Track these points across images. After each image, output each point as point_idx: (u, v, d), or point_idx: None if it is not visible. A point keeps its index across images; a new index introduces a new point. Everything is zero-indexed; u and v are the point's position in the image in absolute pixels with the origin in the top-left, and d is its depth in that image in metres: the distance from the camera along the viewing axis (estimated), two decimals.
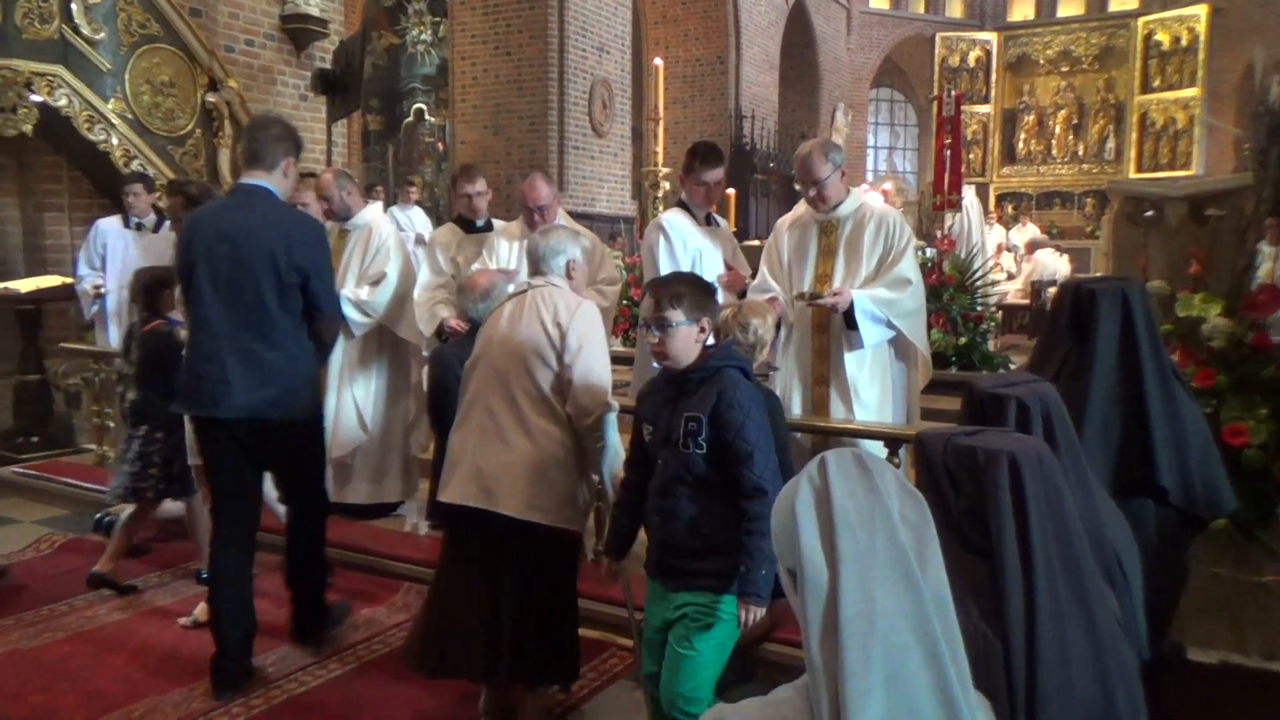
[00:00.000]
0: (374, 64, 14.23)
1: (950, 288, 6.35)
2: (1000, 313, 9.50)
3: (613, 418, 2.86)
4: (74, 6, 5.52)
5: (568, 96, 11.32)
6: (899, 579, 1.12)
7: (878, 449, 3.49)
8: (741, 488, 2.35)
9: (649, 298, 2.52)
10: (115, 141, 5.92)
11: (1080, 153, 19.27)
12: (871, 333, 3.55)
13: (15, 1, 5.21)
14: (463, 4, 11.74)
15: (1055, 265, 13.06)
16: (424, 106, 16.60)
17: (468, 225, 4.71)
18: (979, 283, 6.74)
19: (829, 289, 3.57)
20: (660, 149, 6.97)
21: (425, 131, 16.58)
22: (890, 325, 3.59)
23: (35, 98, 5.35)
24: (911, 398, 3.90)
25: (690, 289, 2.49)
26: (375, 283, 4.53)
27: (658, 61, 7.52)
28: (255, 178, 3.26)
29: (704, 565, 2.40)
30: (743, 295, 4.00)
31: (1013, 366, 6.15)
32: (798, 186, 3.81)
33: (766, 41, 16.65)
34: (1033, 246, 13.77)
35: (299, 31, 7.88)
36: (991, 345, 6.90)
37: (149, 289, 4.10)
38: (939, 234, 7.00)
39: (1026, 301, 12.34)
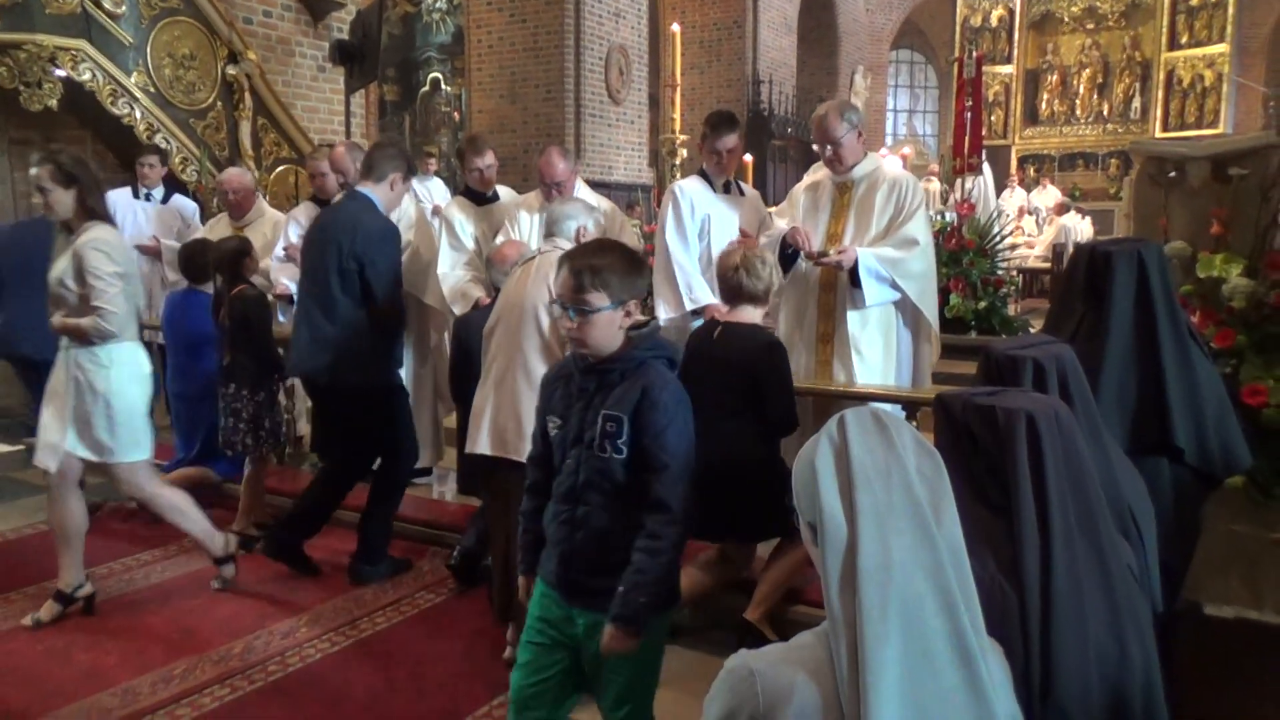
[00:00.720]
0: (389, 33, 14.18)
1: (970, 252, 6.33)
2: (1020, 277, 9.46)
3: None
4: None
5: (584, 63, 11.26)
6: (915, 531, 1.17)
7: (896, 412, 3.53)
8: (646, 498, 2.08)
9: (565, 272, 2.15)
10: (138, 115, 5.97)
11: (1105, 113, 18.97)
12: (874, 291, 3.57)
13: None
14: None
15: (1077, 227, 12.94)
16: (440, 76, 16.55)
17: (477, 198, 4.71)
18: (998, 247, 6.72)
19: (837, 248, 3.60)
20: (677, 116, 6.94)
21: (441, 101, 16.55)
22: (895, 286, 3.60)
23: (60, 72, 5.41)
24: (920, 369, 3.90)
25: (616, 263, 2.13)
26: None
27: (675, 27, 7.47)
28: (363, 186, 3.89)
29: (615, 584, 2.08)
30: None
31: (1032, 331, 6.14)
32: (815, 147, 3.85)
33: (784, 4, 16.45)
34: (1063, 209, 13.63)
35: (316, 2, 7.90)
36: (1011, 309, 6.89)
37: (232, 258, 4.35)
38: (956, 198, 6.96)
39: (1048, 265, 12.24)
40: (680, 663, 2.92)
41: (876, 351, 3.71)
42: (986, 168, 11.77)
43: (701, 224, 4.11)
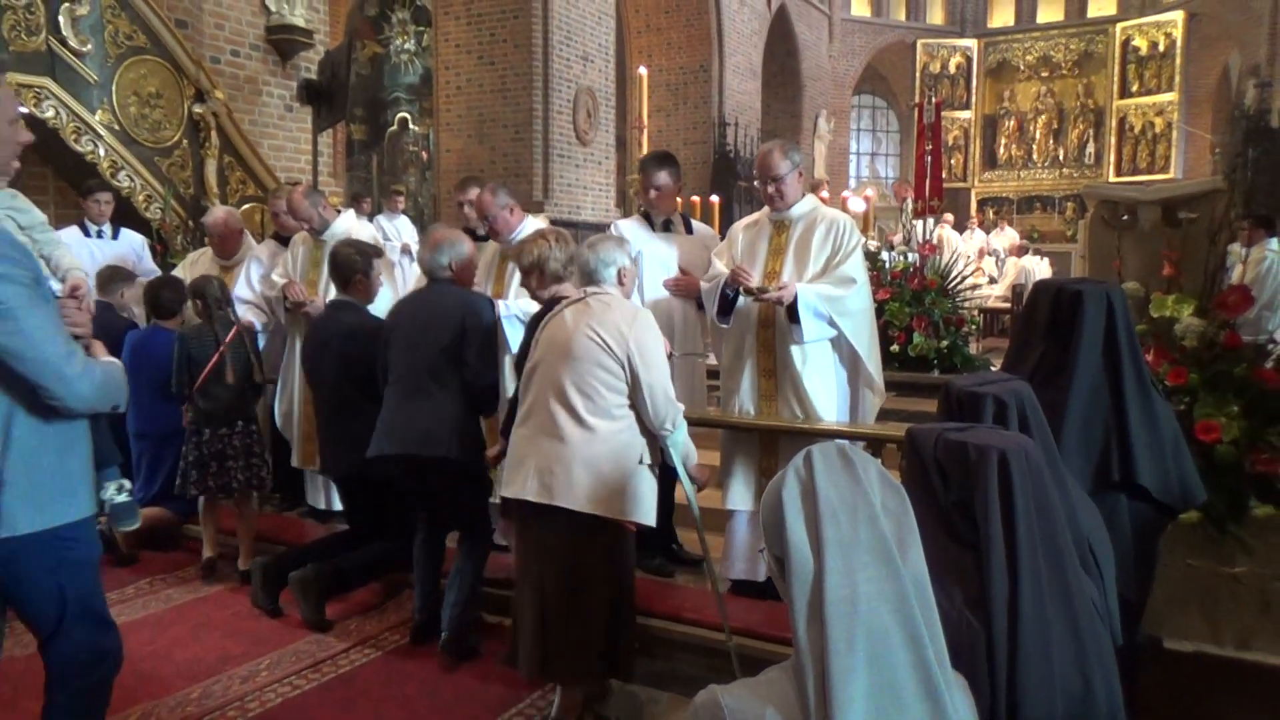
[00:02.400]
0: (358, 73, 14.24)
1: (932, 292, 6.44)
2: (981, 316, 9.63)
3: (683, 423, 3.08)
4: (61, 19, 5.54)
5: (552, 105, 11.38)
6: (881, 564, 1.19)
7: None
8: None
9: None
10: (102, 153, 5.94)
11: (1061, 157, 19.50)
12: (812, 327, 3.62)
13: (3, 14, 5.23)
14: (446, 14, 11.80)
15: (1036, 269, 13.23)
16: (408, 115, 16.58)
17: (469, 235, 4.74)
18: (959, 287, 6.84)
19: (776, 284, 3.66)
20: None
21: (409, 140, 16.57)
22: (832, 323, 3.65)
23: (22, 109, 5.36)
24: (859, 409, 3.93)
25: None
26: None
27: (642, 71, 7.59)
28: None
29: None
30: (699, 304, 4.13)
31: (993, 369, 6.25)
32: (756, 184, 3.93)
33: (749, 50, 16.79)
34: (1021, 251, 13.97)
35: (284, 42, 7.92)
36: (973, 348, 7.00)
37: (222, 289, 4.48)
38: (920, 240, 7.10)
39: (1008, 305, 12.48)
40: None
41: (821, 388, 3.75)
42: (949, 217, 12.14)
43: (636, 263, 4.18)
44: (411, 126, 16.57)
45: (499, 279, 4.38)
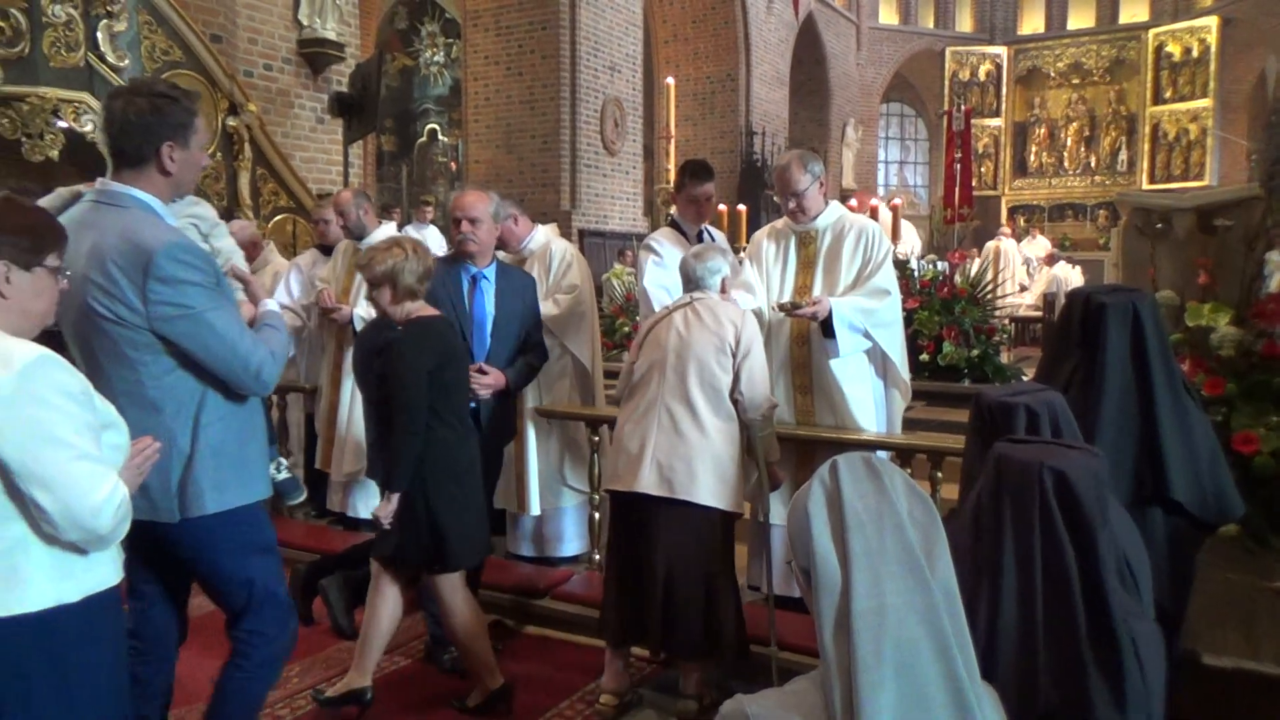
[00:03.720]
0: (388, 85, 14.42)
1: (962, 300, 6.39)
2: (1013, 325, 9.54)
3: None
4: (100, 35, 5.64)
5: (579, 115, 11.44)
6: (908, 575, 1.17)
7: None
8: None
9: None
10: None
11: (1092, 165, 19.30)
12: (849, 341, 3.57)
13: (43, 31, 5.34)
14: (475, 26, 11.90)
15: (1068, 277, 13.09)
16: (437, 127, 16.80)
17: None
18: (990, 295, 6.78)
19: (808, 299, 3.61)
20: (672, 166, 7.06)
21: (438, 151, 16.77)
22: (868, 336, 3.61)
23: (62, 124, 5.47)
24: (893, 416, 3.90)
25: None
26: None
27: (669, 80, 7.63)
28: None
29: None
30: None
31: (1025, 379, 6.18)
32: (777, 198, 3.87)
33: (776, 59, 16.78)
34: (1053, 259, 13.85)
35: (316, 55, 8.02)
36: (1004, 357, 6.93)
37: None
38: (971, 253, 7.03)
39: (1040, 314, 12.36)
40: None
41: (859, 399, 3.70)
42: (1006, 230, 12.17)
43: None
44: (440, 137, 16.76)
45: None
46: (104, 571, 1.85)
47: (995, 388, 2.05)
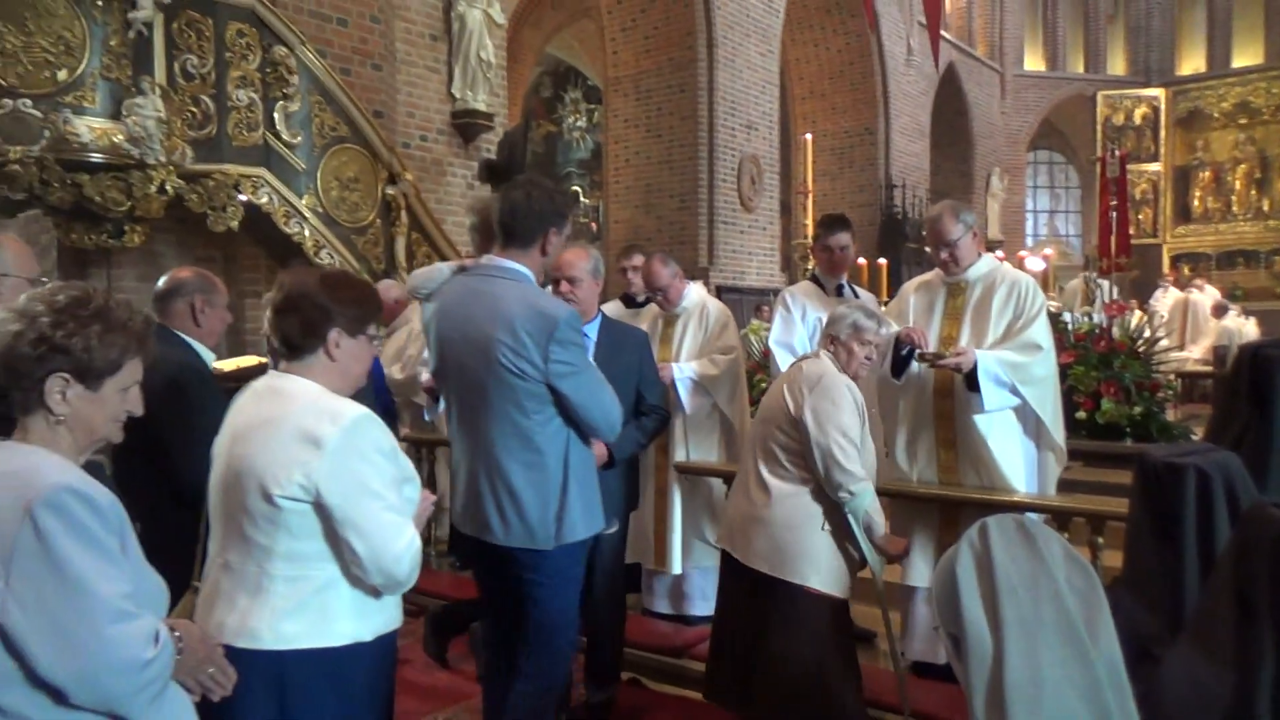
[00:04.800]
0: (533, 151, 15.06)
1: (1121, 354, 6.05)
2: (1179, 380, 8.93)
3: (867, 492, 2.94)
4: (276, 115, 6.16)
5: (716, 173, 11.60)
6: (1067, 646, 1.11)
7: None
8: None
9: None
10: (307, 233, 6.49)
11: (1265, 208, 18.03)
12: (994, 396, 3.41)
13: (228, 113, 5.87)
14: (616, 91, 12.30)
15: (1241, 330, 12.16)
16: (579, 189, 17.39)
17: (629, 301, 4.87)
18: (1152, 349, 6.39)
19: (953, 350, 3.48)
20: (809, 221, 7.03)
21: (580, 212, 17.32)
22: (1015, 392, 3.43)
23: (242, 197, 5.97)
24: (1046, 480, 3.67)
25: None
26: None
27: (806, 136, 7.64)
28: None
29: None
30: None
31: (1194, 438, 5.77)
32: (928, 249, 3.78)
33: (916, 110, 16.56)
34: (1220, 310, 12.86)
35: (467, 125, 8.49)
36: (1170, 415, 6.49)
37: None
38: (1130, 304, 6.68)
39: (1210, 369, 11.52)
40: None
41: (1006, 458, 3.52)
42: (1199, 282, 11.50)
43: (813, 327, 4.12)
44: (582, 199, 17.31)
45: (665, 342, 4.43)
46: (393, 614, 2.03)
47: (1161, 447, 1.93)
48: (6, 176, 5.01)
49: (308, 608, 1.87)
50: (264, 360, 6.60)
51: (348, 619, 1.90)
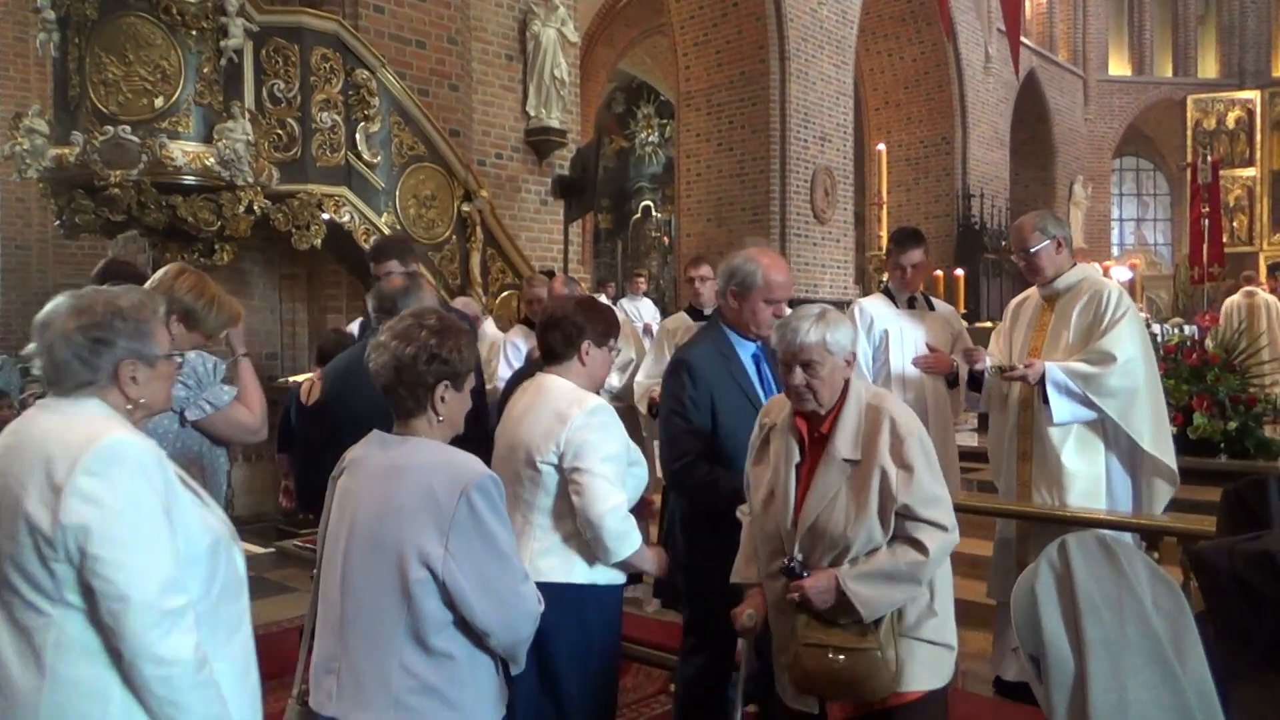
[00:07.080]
0: (605, 167, 15.21)
1: (1214, 367, 5.81)
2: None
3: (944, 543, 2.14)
4: (358, 136, 6.34)
5: (789, 186, 11.53)
6: (1154, 668, 1.07)
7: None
8: None
9: None
10: None
11: None
12: (1064, 408, 3.30)
13: (312, 135, 6.08)
14: (688, 106, 12.34)
15: None
16: (651, 203, 17.49)
17: (696, 314, 4.87)
18: (1248, 361, 6.12)
19: (1025, 361, 3.42)
20: (884, 232, 6.95)
21: (652, 226, 17.41)
22: (1090, 404, 3.31)
23: (325, 216, 6.16)
24: (1141, 498, 3.49)
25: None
26: (623, 367, 4.91)
27: (880, 147, 7.56)
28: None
29: None
30: (952, 381, 3.94)
31: None
32: (1013, 257, 3.80)
33: (995, 119, 16.22)
34: None
35: (541, 142, 8.61)
36: (1269, 431, 6.20)
37: None
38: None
39: None
40: None
41: (1079, 475, 3.40)
42: None
43: (880, 339, 4.08)
44: (654, 213, 17.39)
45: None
46: (617, 574, 2.52)
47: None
48: (107, 200, 5.27)
49: (556, 552, 2.43)
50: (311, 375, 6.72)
51: (585, 566, 2.44)
